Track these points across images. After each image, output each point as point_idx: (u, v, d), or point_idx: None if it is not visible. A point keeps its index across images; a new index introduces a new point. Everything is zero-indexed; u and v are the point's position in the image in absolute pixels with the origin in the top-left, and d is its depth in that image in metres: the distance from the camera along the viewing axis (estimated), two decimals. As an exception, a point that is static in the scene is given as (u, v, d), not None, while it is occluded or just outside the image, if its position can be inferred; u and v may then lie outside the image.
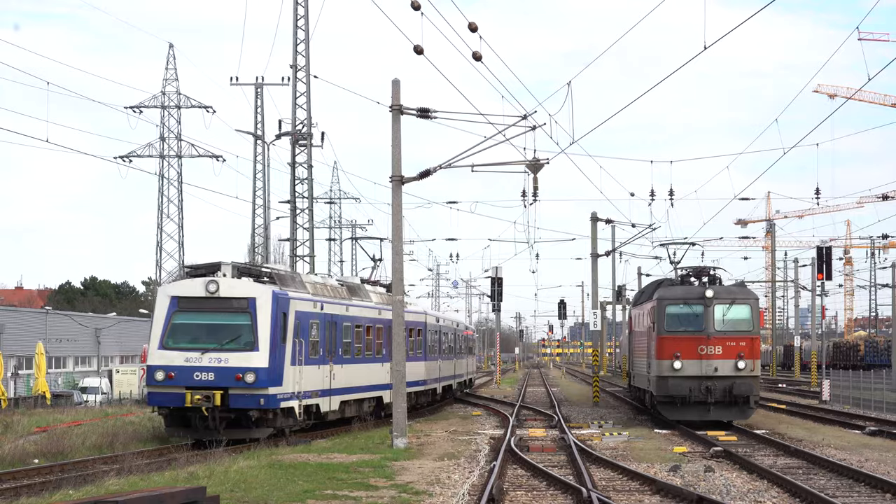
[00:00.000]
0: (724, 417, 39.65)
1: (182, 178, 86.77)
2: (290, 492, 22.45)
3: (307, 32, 54.89)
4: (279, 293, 34.51)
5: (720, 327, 39.65)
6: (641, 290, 52.00)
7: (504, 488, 23.33)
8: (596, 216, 64.30)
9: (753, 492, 23.31)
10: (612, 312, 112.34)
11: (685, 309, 40.09)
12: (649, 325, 42.08)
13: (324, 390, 37.74)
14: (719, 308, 39.86)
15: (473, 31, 28.57)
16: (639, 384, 47.62)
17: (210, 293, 33.93)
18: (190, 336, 33.85)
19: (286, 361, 34.40)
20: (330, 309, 38.54)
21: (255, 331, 33.60)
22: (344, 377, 39.68)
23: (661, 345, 40.02)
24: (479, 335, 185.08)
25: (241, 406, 33.21)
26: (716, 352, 39.27)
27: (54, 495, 22.14)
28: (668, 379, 39.39)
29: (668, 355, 39.55)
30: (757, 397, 40.17)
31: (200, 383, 33.20)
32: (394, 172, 33.84)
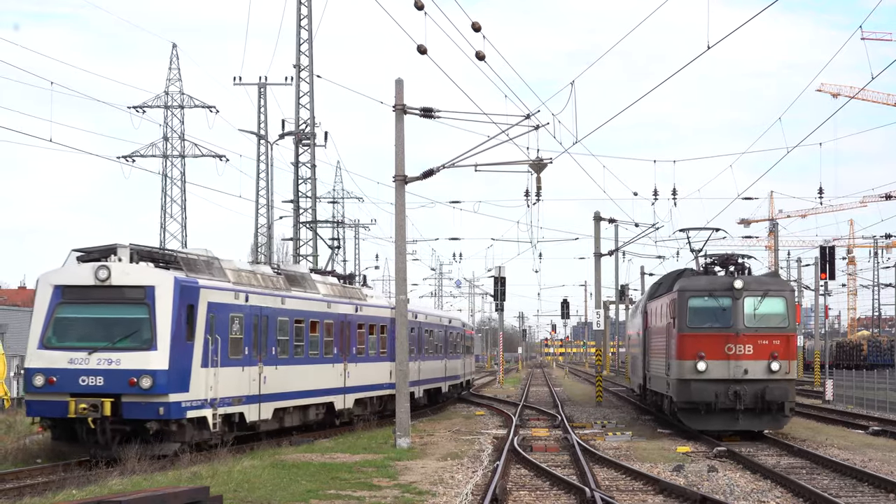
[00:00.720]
0: (755, 427, 35.27)
1: (185, 178, 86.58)
2: (293, 492, 22.45)
3: (310, 32, 54.89)
4: (185, 280, 29.50)
5: (751, 323, 35.10)
6: (659, 282, 46.17)
7: (507, 488, 23.33)
8: (599, 215, 64.29)
9: (757, 492, 23.29)
10: (615, 312, 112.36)
11: (710, 302, 35.46)
12: (669, 321, 37.30)
13: (251, 396, 32.61)
14: (750, 301, 35.31)
15: (477, 31, 28.56)
16: (656, 388, 42.12)
17: (100, 281, 28.84)
18: (76, 333, 28.80)
19: (194, 362, 29.49)
20: (258, 301, 33.25)
21: (154, 326, 28.51)
22: (279, 381, 34.43)
23: (683, 343, 35.41)
24: (482, 335, 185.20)
25: (136, 416, 28.20)
26: (746, 351, 34.79)
27: (57, 495, 22.15)
28: (690, 383, 34.80)
29: (691, 355, 34.93)
30: (793, 404, 35.62)
31: (87, 389, 28.15)
32: (397, 172, 33.84)
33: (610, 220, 66.66)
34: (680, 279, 37.46)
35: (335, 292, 39.99)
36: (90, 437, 28.26)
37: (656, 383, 42.00)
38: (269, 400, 33.80)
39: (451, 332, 59.94)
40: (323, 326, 37.91)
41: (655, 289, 45.97)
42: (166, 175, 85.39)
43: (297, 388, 35.90)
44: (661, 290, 42.41)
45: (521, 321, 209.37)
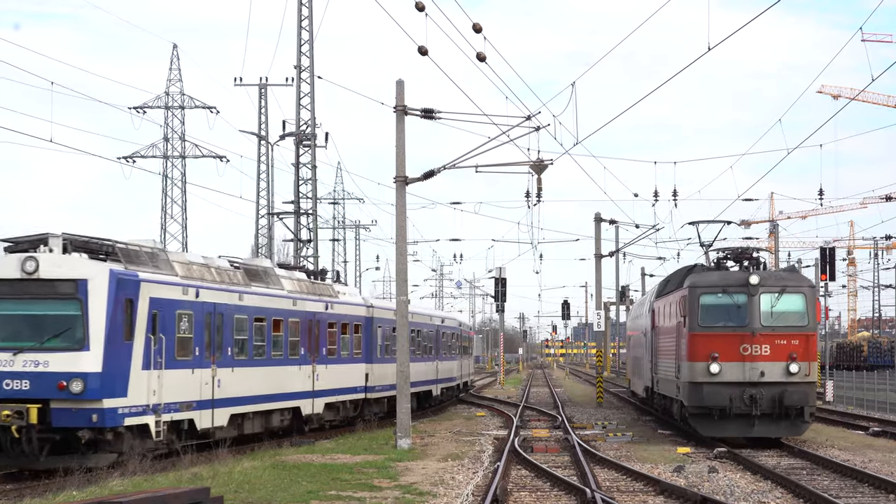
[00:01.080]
0: (772, 434, 33.28)
1: (186, 179, 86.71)
2: (293, 492, 22.46)
3: (311, 33, 54.91)
4: (122, 273, 26.80)
5: (768, 321, 33.03)
6: (667, 278, 43.58)
7: (508, 489, 23.34)
8: (600, 217, 64.33)
9: (757, 492, 23.30)
10: (615, 313, 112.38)
11: (724, 299, 33.32)
12: (679, 320, 35.08)
13: (202, 401, 29.89)
14: (766, 298, 33.19)
15: (478, 32, 28.59)
16: (665, 391, 39.51)
17: (27, 274, 26.17)
18: (0, 332, 26.34)
19: (133, 364, 26.90)
20: (211, 296, 30.44)
21: (86, 323, 25.92)
22: (236, 384, 31.67)
23: (694, 343, 33.34)
24: (483, 336, 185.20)
25: (66, 424, 25.65)
26: (762, 352, 32.78)
27: (58, 496, 22.16)
28: (702, 386, 32.75)
29: (703, 356, 32.87)
30: (813, 409, 33.56)
31: (12, 394, 25.61)
32: (398, 173, 33.86)
33: (611, 221, 66.72)
34: (690, 275, 35.02)
35: (303, 289, 37.07)
36: (15, 448, 25.55)
37: (665, 386, 39.42)
38: (225, 405, 31.10)
39: (445, 333, 57.70)
40: (288, 325, 35.14)
41: (663, 286, 42.76)
42: (167, 176, 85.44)
43: (257, 392, 33.08)
44: (670, 287, 39.51)
45: (522, 322, 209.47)
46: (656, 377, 42.11)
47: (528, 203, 49.43)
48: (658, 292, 43.29)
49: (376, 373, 43.25)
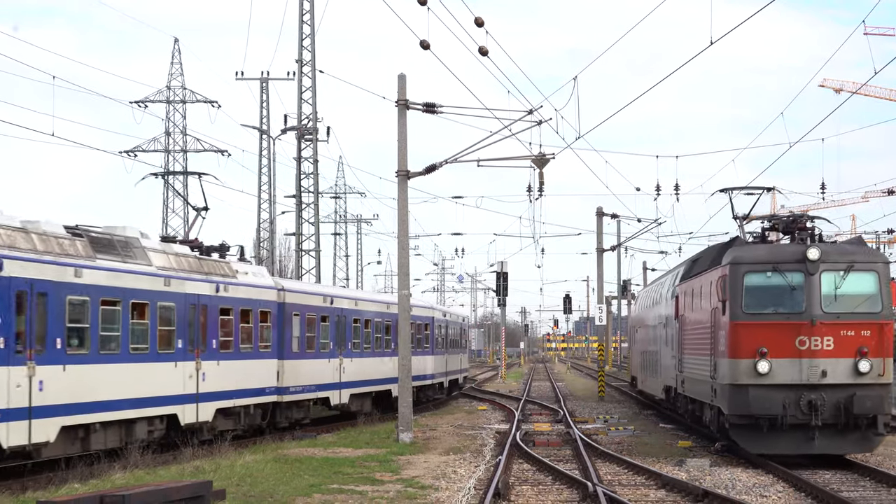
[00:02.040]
0: (837, 450, 26.79)
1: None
2: (295, 486, 22.49)
3: (313, 27, 54.92)
4: None
5: (831, 307, 26.63)
6: (695, 257, 36.79)
7: (510, 483, 23.35)
8: (601, 211, 64.37)
9: (759, 486, 23.32)
10: (617, 307, 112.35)
11: (775, 279, 26.93)
12: (715, 307, 28.71)
13: (12, 410, 23.20)
14: (829, 277, 26.77)
15: (480, 26, 28.59)
16: (695, 394, 32.77)
17: None
18: None
19: None
20: (25, 270, 23.77)
21: None
22: (72, 386, 25.17)
23: (737, 336, 26.95)
24: (485, 330, 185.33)
25: None
26: (824, 346, 26.41)
27: (60, 489, 22.20)
28: (746, 389, 26.46)
29: (748, 352, 26.59)
30: (888, 417, 27.05)
31: None
32: (399, 167, 33.87)
33: (612, 215, 66.78)
34: (732, 249, 28.20)
35: (182, 265, 30.37)
36: None
37: (694, 388, 32.79)
38: (52, 414, 24.46)
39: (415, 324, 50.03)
40: (156, 311, 28.52)
41: (690, 266, 35.81)
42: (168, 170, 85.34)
43: (109, 397, 26.63)
44: (701, 266, 32.73)
45: (524, 316, 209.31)
46: (681, 376, 35.43)
47: (530, 197, 49.45)
48: (684, 274, 36.34)
49: (291, 371, 36.23)
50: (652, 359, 45.76)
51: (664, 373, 40.83)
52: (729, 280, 27.30)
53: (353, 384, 41.95)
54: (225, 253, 34.23)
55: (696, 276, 33.03)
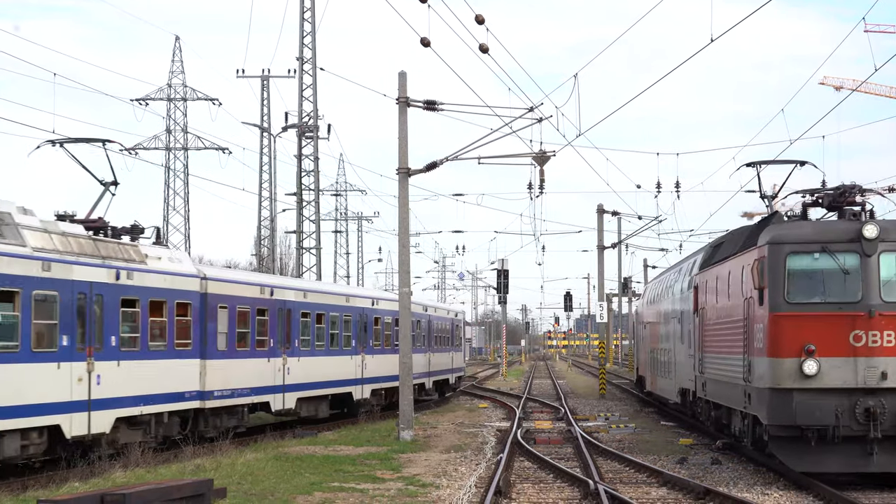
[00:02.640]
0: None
1: (188, 171, 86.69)
2: (296, 484, 22.47)
3: (314, 24, 54.87)
4: None
5: (893, 296, 22.41)
6: (718, 241, 32.01)
7: (511, 480, 23.33)
8: (602, 208, 64.30)
9: (760, 484, 23.29)
10: (618, 305, 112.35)
11: (825, 262, 22.75)
12: (749, 297, 24.61)
13: None
14: (890, 259, 22.56)
15: (480, 24, 28.57)
16: (722, 399, 28.57)
17: None
18: None
19: None
20: None
21: None
22: None
23: (779, 330, 22.74)
24: (485, 327, 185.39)
25: None
26: (885, 341, 22.25)
27: (61, 488, 22.18)
28: (790, 394, 22.27)
29: (792, 349, 22.42)
30: None
31: None
32: (400, 164, 33.85)
33: (613, 212, 66.74)
34: (770, 227, 23.99)
35: (72, 248, 25.99)
36: None
37: (720, 392, 28.77)
38: None
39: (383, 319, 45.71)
40: (30, 301, 24.08)
41: (712, 252, 31.74)
42: (169, 167, 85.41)
43: None
44: (728, 250, 28.45)
45: (524, 314, 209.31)
46: (702, 378, 31.38)
47: (531, 194, 49.23)
48: (704, 261, 32.33)
49: (217, 373, 31.47)
50: (664, 358, 41.44)
51: (679, 373, 36.48)
52: (768, 263, 22.99)
53: (302, 387, 37.07)
54: (137, 236, 29.61)
55: (720, 263, 28.82)
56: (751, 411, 24.66)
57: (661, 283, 44.59)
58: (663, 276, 45.40)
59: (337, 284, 55.91)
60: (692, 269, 34.22)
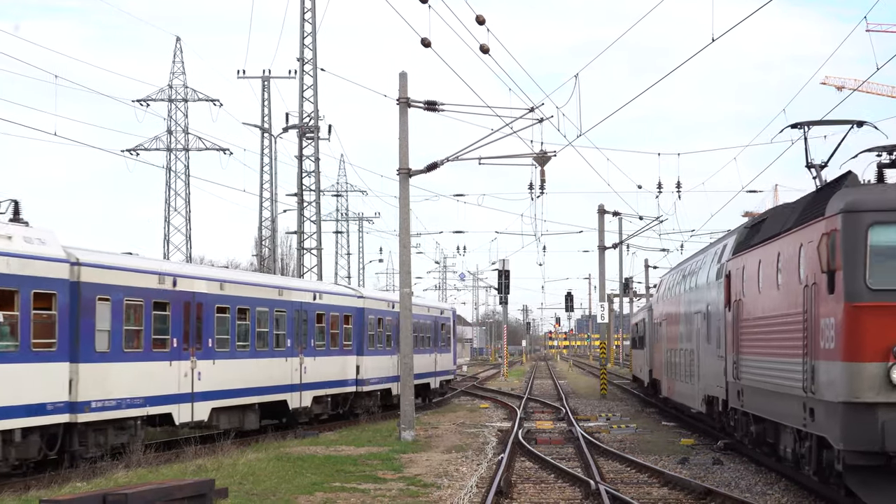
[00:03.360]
0: None
1: (189, 172, 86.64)
2: (298, 484, 22.49)
3: (314, 25, 54.89)
4: None
5: None
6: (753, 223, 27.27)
7: (512, 481, 23.34)
8: (603, 208, 64.32)
9: (762, 484, 23.30)
10: (619, 305, 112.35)
11: None
12: (810, 282, 19.64)
13: None
14: None
15: (481, 24, 28.60)
16: (767, 412, 23.41)
17: None
18: None
19: None
20: None
21: None
22: None
23: (859, 324, 17.78)
24: (486, 328, 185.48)
25: None
26: None
27: (63, 488, 22.20)
28: (875, 411, 17.47)
29: (878, 351, 17.58)
30: None
31: None
32: (401, 165, 33.87)
33: (614, 213, 66.75)
34: (843, 191, 18.77)
35: None
36: None
37: (765, 404, 23.53)
38: None
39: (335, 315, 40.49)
40: None
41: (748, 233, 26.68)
42: (170, 168, 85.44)
43: None
44: (775, 227, 23.46)
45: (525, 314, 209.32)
46: (737, 385, 26.15)
47: (532, 195, 49.29)
48: (739, 245, 26.97)
49: (95, 379, 26.45)
50: (684, 360, 36.15)
51: (705, 378, 31.35)
52: (843, 238, 17.98)
53: (218, 394, 31.86)
54: None
55: (765, 244, 23.61)
56: (814, 431, 19.61)
57: (680, 274, 38.97)
58: (682, 267, 39.77)
59: (269, 276, 45.05)
60: (721, 255, 29.26)
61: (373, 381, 43.42)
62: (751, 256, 24.88)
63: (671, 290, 41.10)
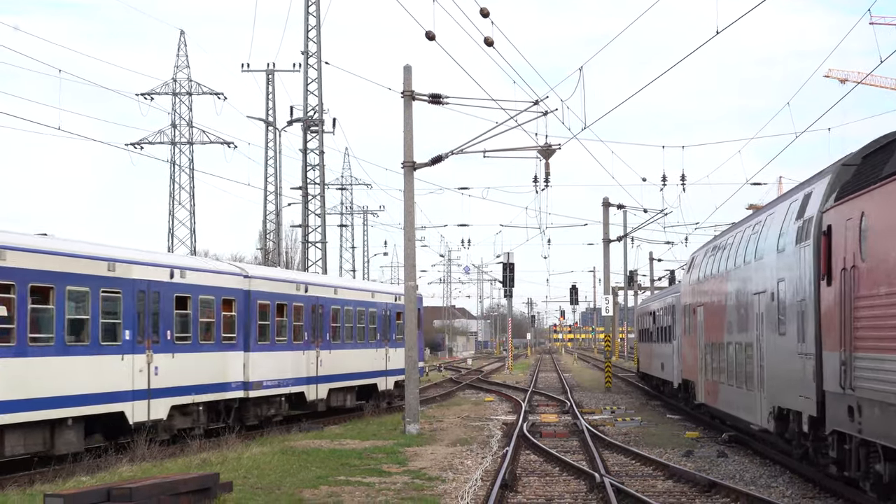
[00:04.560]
0: None
1: (193, 165, 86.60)
2: (302, 478, 22.48)
3: (318, 18, 54.86)
4: None
5: None
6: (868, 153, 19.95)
7: (517, 474, 23.34)
8: (608, 201, 64.29)
9: (766, 476, 23.28)
10: (623, 298, 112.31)
11: None
12: None
13: None
14: None
15: (485, 17, 28.56)
16: (890, 436, 15.95)
17: None
18: None
19: None
20: None
21: None
22: None
23: None
24: (491, 321, 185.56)
25: None
26: None
27: (68, 482, 22.21)
28: None
29: None
30: None
31: None
32: (406, 158, 33.84)
33: (619, 205, 66.71)
34: None
35: None
36: None
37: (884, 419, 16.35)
38: None
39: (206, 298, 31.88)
40: None
41: (865, 169, 19.11)
42: (174, 162, 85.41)
43: None
44: None
45: (530, 307, 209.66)
46: (851, 398, 17.92)
47: (536, 188, 49.42)
48: (847, 184, 19.62)
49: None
50: (735, 357, 28.52)
51: (774, 384, 24.06)
52: None
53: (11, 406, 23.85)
54: None
55: None
56: None
57: (727, 243, 31.19)
58: (724, 240, 32.22)
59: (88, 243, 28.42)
60: (804, 208, 21.90)
61: (268, 384, 34.91)
62: (871, 200, 17.02)
63: (710, 268, 33.00)
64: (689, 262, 40.10)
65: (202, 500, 18.05)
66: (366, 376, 42.57)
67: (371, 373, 42.99)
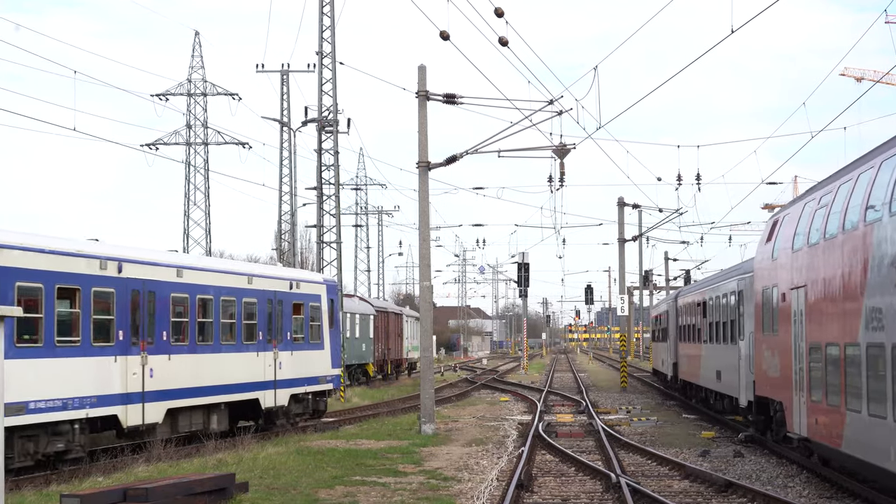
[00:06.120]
0: None
1: (208, 166, 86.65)
2: (318, 478, 22.49)
3: (333, 19, 54.85)
4: None
5: None
6: None
7: (533, 474, 23.31)
8: (623, 201, 64.17)
9: (783, 476, 23.22)
10: (639, 297, 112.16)
11: None
12: None
13: None
14: None
15: (500, 17, 28.52)
16: None
17: None
18: None
19: None
20: None
21: None
22: None
23: None
24: (506, 321, 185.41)
25: None
26: None
27: (84, 482, 22.25)
28: None
29: None
30: None
31: None
32: (420, 158, 33.83)
33: (634, 205, 66.56)
34: None
35: None
36: None
37: None
38: None
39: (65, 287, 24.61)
40: None
41: None
42: (189, 163, 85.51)
43: None
44: None
45: (545, 307, 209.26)
46: None
47: (551, 188, 49.24)
48: None
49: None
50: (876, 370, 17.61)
51: None
52: None
53: None
54: None
55: None
56: None
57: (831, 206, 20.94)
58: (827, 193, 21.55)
59: None
60: None
61: (41, 408, 23.69)
62: None
63: (821, 229, 21.29)
64: (770, 228, 26.99)
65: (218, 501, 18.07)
66: (239, 389, 31.85)
67: (248, 384, 32.40)
